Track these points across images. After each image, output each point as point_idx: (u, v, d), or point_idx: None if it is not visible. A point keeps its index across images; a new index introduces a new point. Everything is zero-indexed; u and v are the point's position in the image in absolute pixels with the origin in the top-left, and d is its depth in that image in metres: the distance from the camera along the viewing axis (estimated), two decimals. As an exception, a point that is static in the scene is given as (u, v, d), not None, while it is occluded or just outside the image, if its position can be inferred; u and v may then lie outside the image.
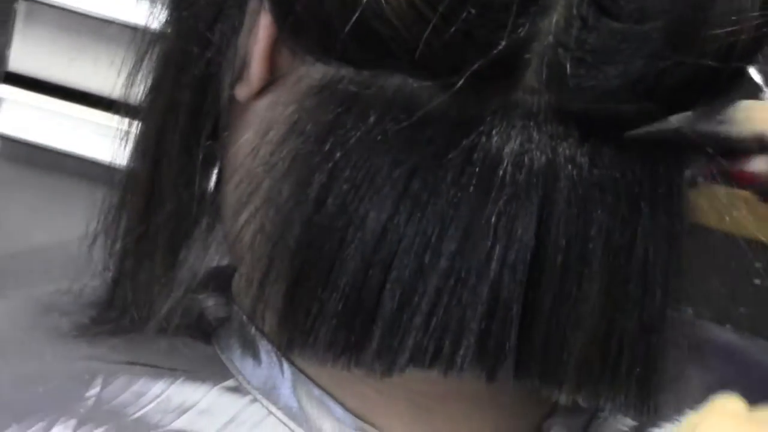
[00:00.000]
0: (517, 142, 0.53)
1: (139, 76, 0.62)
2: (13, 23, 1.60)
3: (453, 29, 0.50)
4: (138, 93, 0.63)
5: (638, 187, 0.55)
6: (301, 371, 0.60)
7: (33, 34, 1.61)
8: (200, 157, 0.59)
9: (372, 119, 0.53)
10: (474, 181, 0.53)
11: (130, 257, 0.62)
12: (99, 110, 1.48)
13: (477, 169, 0.53)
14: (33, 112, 1.62)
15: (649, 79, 0.52)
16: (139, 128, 0.63)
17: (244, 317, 0.62)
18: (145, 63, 0.62)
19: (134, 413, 0.59)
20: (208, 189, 0.61)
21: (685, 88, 0.54)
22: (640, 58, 0.52)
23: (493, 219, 0.53)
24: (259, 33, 0.57)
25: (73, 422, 0.58)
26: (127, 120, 0.64)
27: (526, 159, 0.53)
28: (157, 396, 0.60)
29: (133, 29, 0.62)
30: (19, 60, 1.62)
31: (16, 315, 0.68)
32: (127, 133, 0.64)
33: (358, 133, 0.53)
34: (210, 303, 0.64)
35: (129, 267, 0.62)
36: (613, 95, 0.52)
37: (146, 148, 0.62)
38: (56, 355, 0.62)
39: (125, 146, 0.64)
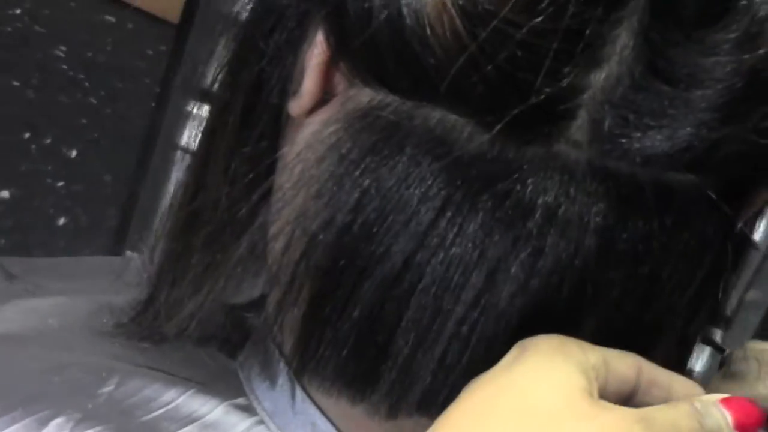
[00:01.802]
0: (552, 194, 0.51)
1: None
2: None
3: (494, 67, 0.49)
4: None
5: (664, 266, 0.53)
6: (312, 399, 0.59)
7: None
8: (243, 168, 0.58)
9: (408, 150, 0.52)
10: (503, 228, 0.51)
11: (170, 263, 0.62)
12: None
13: (507, 216, 0.51)
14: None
15: (698, 149, 0.50)
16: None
17: (268, 337, 0.61)
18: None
19: (142, 417, 0.59)
20: (253, 203, 0.59)
21: (738, 165, 0.51)
22: (688, 125, 0.49)
23: (513, 269, 0.51)
24: (316, 49, 0.56)
25: (77, 416, 0.58)
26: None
27: (559, 213, 0.51)
28: (167, 403, 0.60)
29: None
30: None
31: (68, 311, 0.68)
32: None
33: (393, 163, 0.52)
34: (248, 319, 0.63)
35: (167, 273, 0.62)
36: (659, 161, 0.50)
37: (197, 152, 0.61)
38: (86, 350, 0.63)
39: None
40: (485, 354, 0.52)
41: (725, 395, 0.51)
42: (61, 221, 1.79)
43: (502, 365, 0.50)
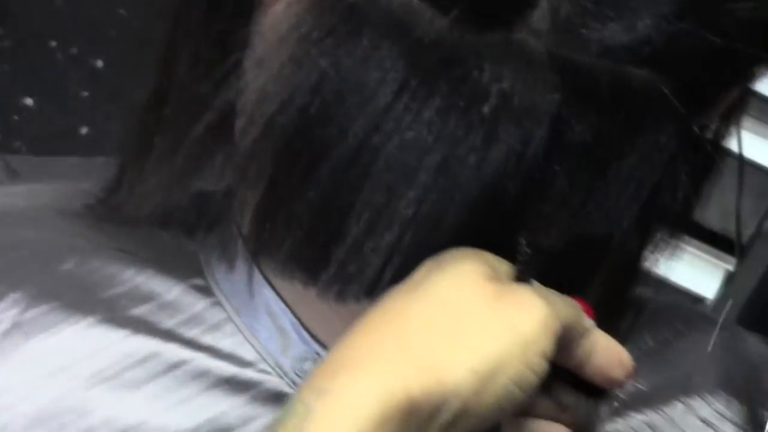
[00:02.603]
0: (509, 81, 0.50)
1: None
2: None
3: None
4: None
5: (612, 158, 0.52)
6: (269, 282, 0.59)
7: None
8: (208, 47, 0.58)
9: (368, 33, 0.51)
10: (458, 113, 0.50)
11: (135, 143, 0.62)
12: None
13: (463, 101, 0.50)
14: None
15: (657, 43, 0.49)
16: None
17: (229, 220, 0.61)
18: None
19: (100, 294, 0.59)
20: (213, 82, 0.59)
21: (696, 63, 0.51)
22: (647, 18, 0.49)
23: (466, 154, 0.50)
24: None
25: (34, 291, 0.58)
26: None
27: (514, 101, 0.50)
28: (127, 282, 0.60)
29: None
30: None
31: (40, 194, 0.69)
32: None
33: (352, 45, 0.51)
34: (211, 204, 0.63)
35: (133, 153, 0.62)
36: (617, 53, 0.50)
37: (166, 30, 0.61)
38: (50, 229, 0.63)
39: None
40: (434, 241, 0.52)
41: None
42: (84, 131, 1.80)
43: (418, 275, 0.51)
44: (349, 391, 0.45)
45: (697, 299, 1.49)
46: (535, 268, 0.51)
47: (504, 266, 0.52)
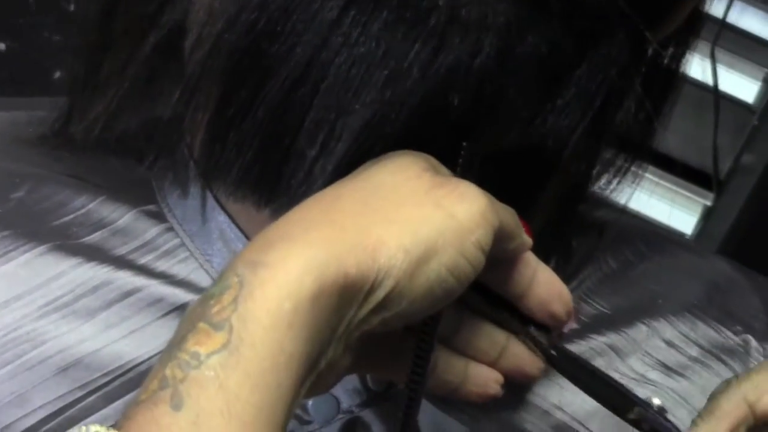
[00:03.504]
0: None
1: None
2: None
3: None
4: None
5: (563, 70, 0.51)
6: (222, 206, 0.58)
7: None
8: None
9: None
10: (405, 26, 0.50)
11: (83, 65, 0.61)
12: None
13: (410, 14, 0.50)
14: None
15: None
16: None
17: (181, 144, 0.60)
18: None
19: (52, 221, 0.58)
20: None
21: None
22: None
23: (414, 68, 0.50)
24: None
25: None
26: None
27: (462, 12, 0.49)
28: (78, 209, 0.59)
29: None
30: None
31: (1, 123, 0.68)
32: None
33: None
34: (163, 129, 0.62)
35: (81, 76, 0.61)
36: None
37: None
38: (6, 156, 0.62)
39: None
40: (380, 152, 0.51)
41: None
42: (57, 74, 1.78)
43: (358, 169, 0.50)
44: (284, 264, 0.44)
45: (676, 234, 1.49)
46: (475, 174, 0.50)
47: (446, 169, 0.51)
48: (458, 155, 0.51)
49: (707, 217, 1.52)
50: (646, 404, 0.52)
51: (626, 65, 0.53)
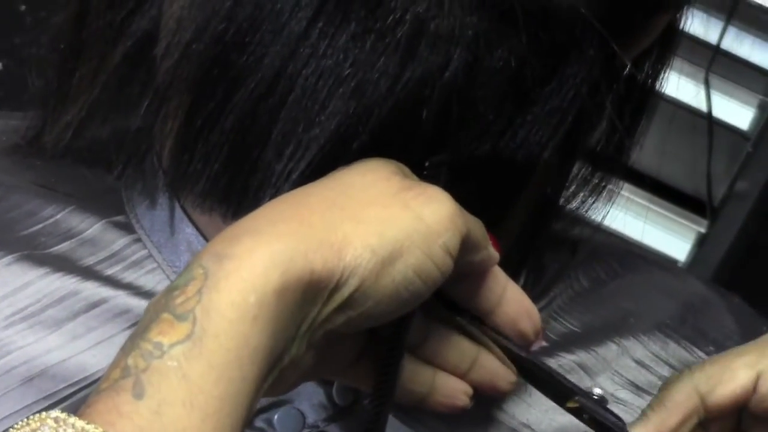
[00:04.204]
0: (424, 5, 0.49)
1: None
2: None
3: None
4: None
5: (539, 81, 0.51)
6: (189, 217, 0.58)
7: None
8: None
9: None
10: (373, 38, 0.50)
11: (55, 74, 0.61)
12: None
13: (378, 26, 0.49)
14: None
15: None
16: None
17: (150, 154, 0.59)
18: None
19: (20, 231, 0.58)
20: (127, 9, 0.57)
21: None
22: None
23: (382, 81, 0.49)
24: None
25: None
26: None
27: (431, 25, 0.49)
28: (46, 219, 0.59)
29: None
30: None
31: None
32: None
33: None
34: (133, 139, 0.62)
35: (53, 84, 0.60)
36: None
37: None
38: None
39: None
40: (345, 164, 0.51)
41: None
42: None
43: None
44: (250, 256, 0.44)
45: (670, 261, 1.48)
46: (442, 184, 0.50)
47: (414, 176, 0.51)
48: (424, 167, 0.51)
49: (701, 243, 1.51)
50: (586, 394, 0.51)
51: (597, 82, 0.53)
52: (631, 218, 1.30)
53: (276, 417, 0.57)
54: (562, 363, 0.61)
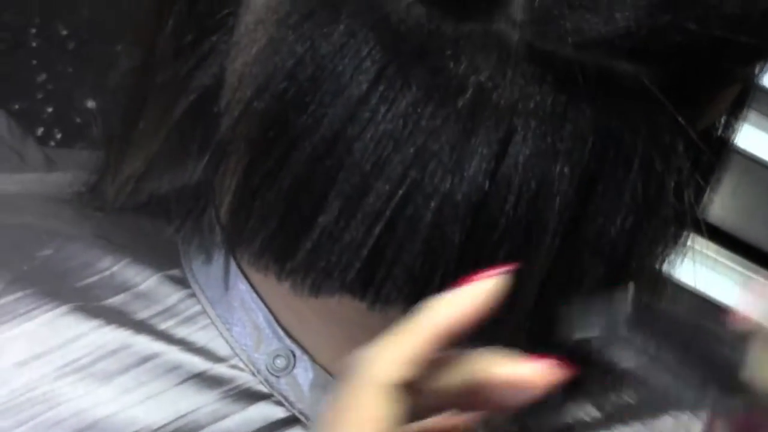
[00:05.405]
0: (486, 74, 0.48)
1: None
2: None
3: None
4: None
5: (608, 152, 0.50)
6: (245, 275, 0.58)
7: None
8: (189, 28, 0.57)
9: (345, 19, 0.49)
10: (434, 105, 0.49)
11: (118, 125, 0.61)
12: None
13: (439, 93, 0.49)
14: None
15: (640, 36, 0.47)
16: None
17: (208, 210, 0.59)
18: None
19: (76, 282, 0.59)
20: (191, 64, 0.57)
21: (681, 58, 0.49)
22: (625, 9, 0.47)
23: (446, 150, 0.49)
24: None
25: (9, 277, 0.58)
26: None
27: (494, 95, 0.48)
28: (102, 271, 0.59)
29: None
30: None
31: (34, 180, 0.68)
32: None
33: (329, 31, 0.50)
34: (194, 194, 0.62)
35: (116, 136, 0.61)
36: (597, 46, 0.47)
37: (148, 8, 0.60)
38: (37, 214, 0.62)
39: None
40: (405, 236, 0.50)
41: None
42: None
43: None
44: None
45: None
46: None
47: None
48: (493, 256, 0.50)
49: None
50: None
51: (670, 148, 0.51)
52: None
53: None
54: None
